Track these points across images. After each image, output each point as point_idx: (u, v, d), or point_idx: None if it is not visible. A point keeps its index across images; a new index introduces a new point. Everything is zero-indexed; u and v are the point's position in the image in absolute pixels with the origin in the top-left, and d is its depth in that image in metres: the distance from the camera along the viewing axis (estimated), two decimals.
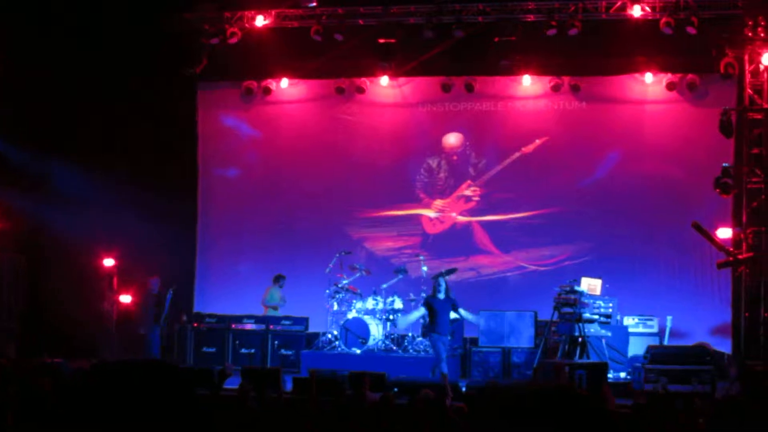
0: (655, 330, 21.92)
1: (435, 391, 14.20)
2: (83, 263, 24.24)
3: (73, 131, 24.07)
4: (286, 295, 23.47)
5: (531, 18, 22.91)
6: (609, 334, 20.92)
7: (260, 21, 23.49)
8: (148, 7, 23.19)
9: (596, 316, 20.90)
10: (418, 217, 24.83)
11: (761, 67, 21.57)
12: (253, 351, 22.04)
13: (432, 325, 19.47)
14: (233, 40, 23.50)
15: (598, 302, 21.19)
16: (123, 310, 24.14)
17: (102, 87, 23.78)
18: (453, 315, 20.69)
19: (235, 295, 24.34)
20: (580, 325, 20.31)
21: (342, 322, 21.88)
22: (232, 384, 15.62)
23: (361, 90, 24.80)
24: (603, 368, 18.75)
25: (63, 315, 23.48)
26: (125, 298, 24.34)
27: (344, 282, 22.39)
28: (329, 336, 22.15)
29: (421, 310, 19.98)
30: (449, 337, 19.76)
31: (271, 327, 22.87)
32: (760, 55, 21.45)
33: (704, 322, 22.75)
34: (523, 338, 21.74)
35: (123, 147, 24.36)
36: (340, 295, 22.27)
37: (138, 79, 23.75)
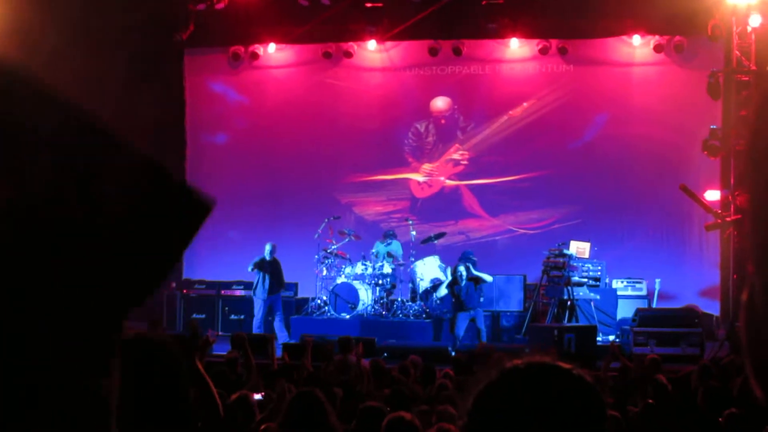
0: (643, 293, 21.98)
1: (423, 357, 14.28)
2: None
3: None
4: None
5: None
6: (598, 297, 20.99)
7: None
8: None
9: (585, 279, 20.98)
10: (406, 181, 24.83)
11: (748, 28, 21.52)
12: (242, 317, 22.03)
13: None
14: (220, 6, 23.41)
15: (586, 265, 21.25)
16: None
17: (85, 53, 23.54)
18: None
19: (225, 261, 24.30)
20: (569, 288, 20.38)
21: (331, 287, 21.89)
22: (222, 351, 15.64)
23: (348, 54, 24.70)
24: (592, 331, 18.82)
25: None
26: None
27: (333, 247, 22.37)
28: (318, 301, 22.17)
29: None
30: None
31: None
32: (747, 16, 21.40)
33: (693, 285, 22.83)
34: (513, 302, 21.77)
35: (108, 113, 24.17)
36: (329, 261, 22.26)
37: (124, 43, 23.55)
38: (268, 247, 21.44)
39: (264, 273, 21.23)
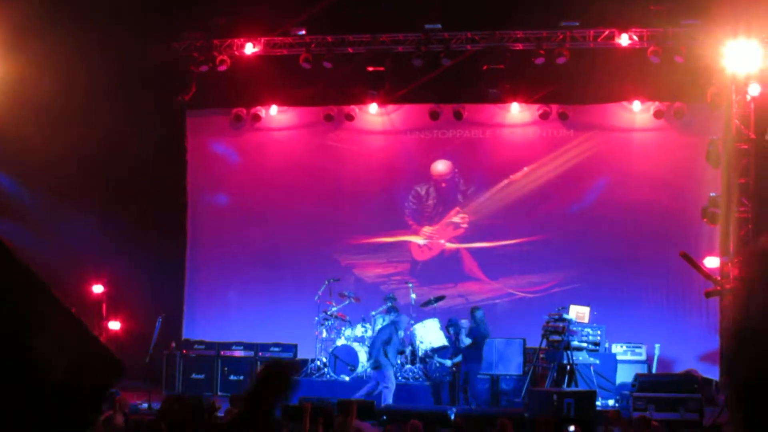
0: (643, 357, 21.95)
1: (423, 421, 14.25)
2: (71, 290, 24.13)
3: (60, 159, 23.71)
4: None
5: (519, 47, 23.07)
6: (597, 361, 20.96)
7: (249, 49, 23.60)
8: (137, 36, 23.09)
9: (584, 344, 20.93)
10: (407, 243, 24.87)
11: (747, 97, 21.62)
12: (242, 377, 21.99)
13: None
14: (222, 68, 23.58)
15: (586, 330, 21.21)
16: (112, 337, 24.08)
17: (90, 114, 23.53)
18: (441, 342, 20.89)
19: (225, 321, 24.32)
20: (569, 352, 20.34)
21: (331, 349, 21.83)
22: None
23: (350, 117, 24.83)
24: (591, 396, 18.75)
25: None
26: (114, 325, 24.26)
27: (333, 309, 22.35)
28: (318, 363, 22.12)
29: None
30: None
31: (260, 354, 22.81)
32: (746, 85, 21.51)
33: (692, 350, 22.80)
34: (512, 366, 21.69)
35: (112, 173, 24.23)
36: (329, 322, 22.23)
37: (127, 105, 23.59)
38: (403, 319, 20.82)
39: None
